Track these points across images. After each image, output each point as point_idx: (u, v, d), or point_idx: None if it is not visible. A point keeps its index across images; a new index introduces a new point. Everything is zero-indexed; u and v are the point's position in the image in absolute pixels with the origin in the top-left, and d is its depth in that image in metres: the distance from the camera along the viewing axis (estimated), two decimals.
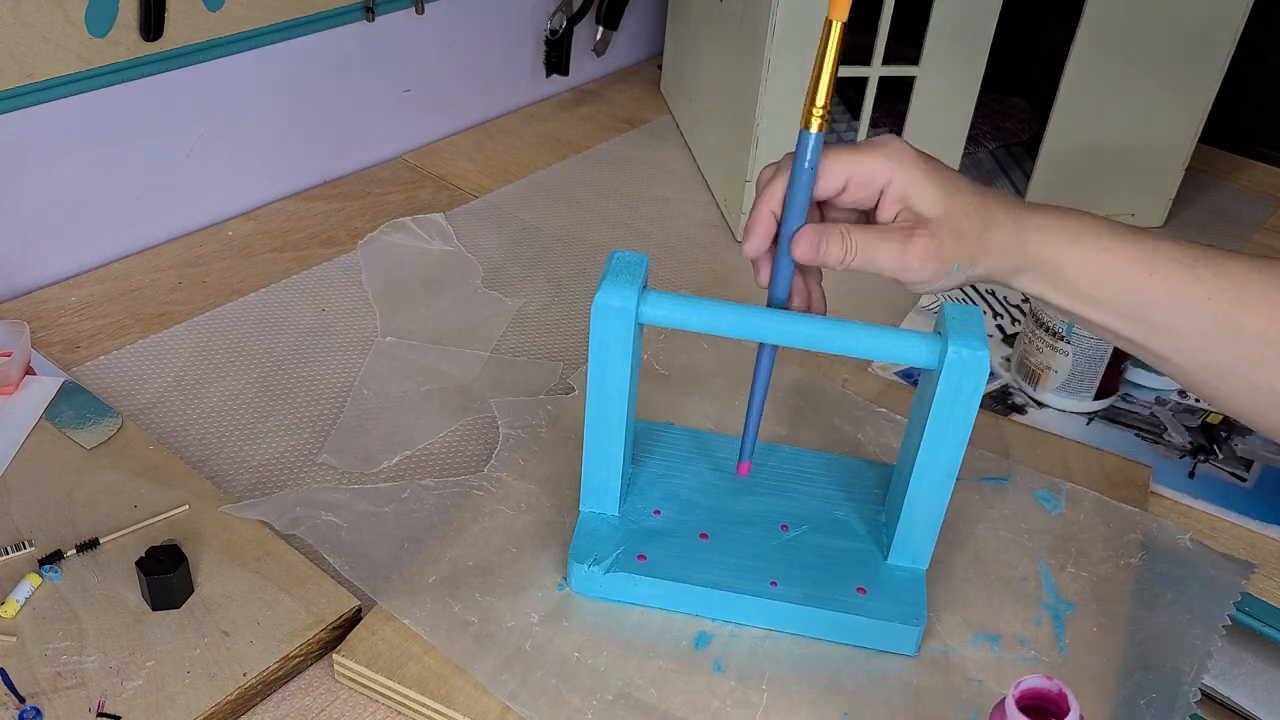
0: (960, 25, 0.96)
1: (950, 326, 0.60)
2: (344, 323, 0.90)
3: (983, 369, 0.58)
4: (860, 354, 0.60)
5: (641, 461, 0.72)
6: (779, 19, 0.92)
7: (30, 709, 0.57)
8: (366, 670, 0.61)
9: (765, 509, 0.70)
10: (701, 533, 0.68)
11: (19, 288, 0.90)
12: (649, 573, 0.65)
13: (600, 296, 0.60)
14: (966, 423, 0.60)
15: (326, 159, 1.09)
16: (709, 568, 0.65)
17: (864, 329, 0.60)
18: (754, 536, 0.68)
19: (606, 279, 0.60)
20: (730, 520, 0.69)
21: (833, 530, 0.69)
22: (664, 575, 0.65)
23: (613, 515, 0.68)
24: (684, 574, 0.65)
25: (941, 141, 1.02)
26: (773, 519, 0.69)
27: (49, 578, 0.64)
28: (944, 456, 0.62)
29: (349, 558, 0.67)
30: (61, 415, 0.75)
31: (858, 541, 0.68)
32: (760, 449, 0.73)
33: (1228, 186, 1.21)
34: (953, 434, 0.61)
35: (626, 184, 1.13)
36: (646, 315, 0.60)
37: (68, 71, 0.85)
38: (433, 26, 1.11)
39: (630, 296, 0.60)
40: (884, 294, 1.00)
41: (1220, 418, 0.87)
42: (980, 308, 0.66)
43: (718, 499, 0.70)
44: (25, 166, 0.87)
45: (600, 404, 0.63)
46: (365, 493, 0.72)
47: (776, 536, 0.68)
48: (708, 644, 0.64)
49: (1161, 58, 1.01)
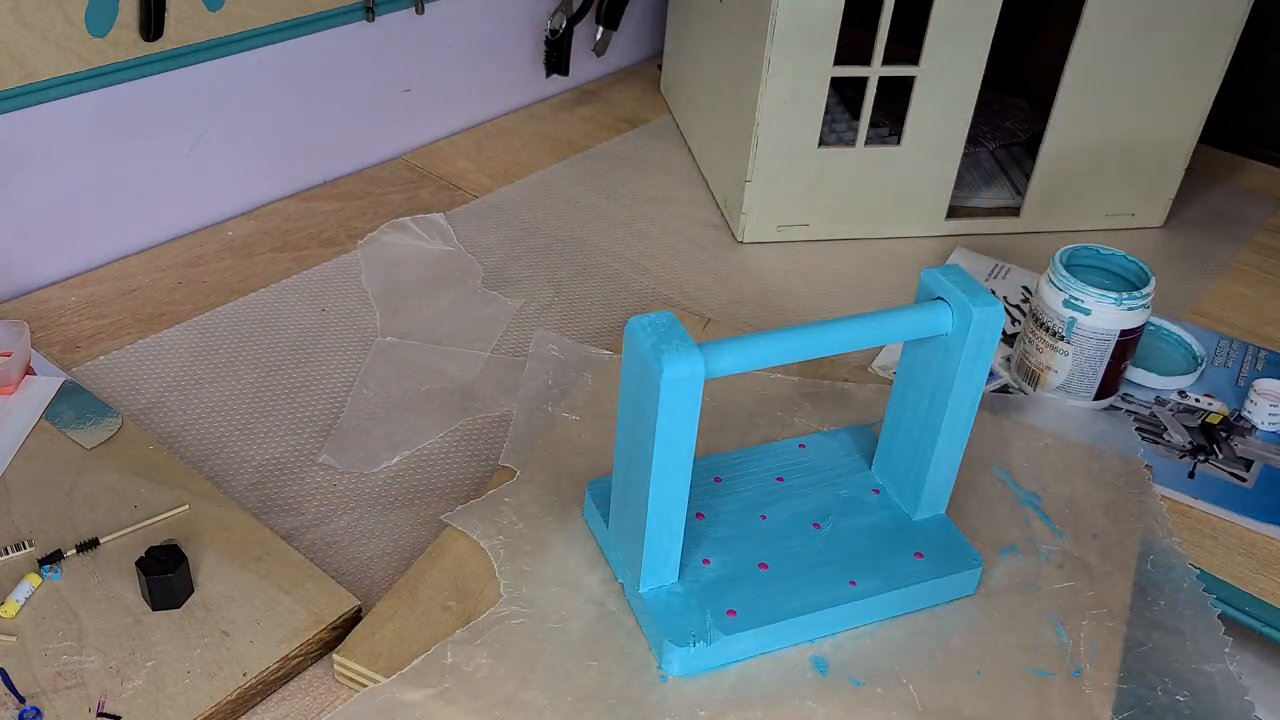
0: (960, 25, 0.96)
1: (948, 289, 0.63)
2: (344, 323, 0.90)
3: (1000, 318, 0.62)
4: (887, 340, 0.62)
5: None
6: (779, 19, 0.92)
7: (30, 709, 0.57)
8: (366, 670, 0.61)
9: (789, 517, 0.70)
10: (759, 563, 0.67)
11: (19, 287, 0.90)
12: (745, 625, 0.63)
13: (669, 370, 0.55)
14: (984, 375, 0.64)
15: (326, 159, 1.09)
16: (791, 594, 0.65)
17: (882, 317, 0.62)
18: (802, 548, 0.68)
19: (662, 352, 0.56)
20: (771, 541, 0.69)
21: (854, 510, 0.71)
22: (760, 621, 0.64)
23: (673, 584, 0.65)
24: (775, 611, 0.64)
25: (942, 142, 1.02)
26: (802, 523, 0.70)
27: (49, 578, 0.64)
28: (965, 412, 0.66)
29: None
30: (61, 415, 0.75)
31: (880, 511, 0.71)
32: (730, 460, 0.74)
33: (1227, 186, 1.21)
34: (973, 389, 0.65)
35: (626, 184, 1.13)
36: (715, 371, 0.58)
37: (68, 71, 0.85)
38: (432, 26, 1.11)
39: (697, 361, 0.56)
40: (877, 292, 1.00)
41: (1219, 417, 0.87)
42: (959, 265, 0.69)
43: (746, 526, 0.69)
44: (25, 166, 0.87)
45: (668, 478, 0.60)
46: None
47: (818, 537, 0.69)
48: (827, 666, 0.64)
49: (1161, 57, 1.01)
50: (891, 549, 0.69)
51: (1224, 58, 1.02)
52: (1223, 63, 1.02)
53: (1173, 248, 1.10)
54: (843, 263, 1.04)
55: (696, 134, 1.18)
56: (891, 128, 1.07)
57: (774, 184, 1.02)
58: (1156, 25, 0.99)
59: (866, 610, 0.66)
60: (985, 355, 0.64)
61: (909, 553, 0.68)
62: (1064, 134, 1.04)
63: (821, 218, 1.05)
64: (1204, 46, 1.01)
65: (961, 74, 0.99)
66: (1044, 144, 1.05)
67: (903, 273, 1.03)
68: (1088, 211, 1.10)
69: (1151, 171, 1.09)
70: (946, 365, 0.64)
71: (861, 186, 1.04)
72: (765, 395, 0.84)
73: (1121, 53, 1.00)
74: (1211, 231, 1.13)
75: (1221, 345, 0.96)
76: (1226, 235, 1.13)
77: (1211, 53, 1.01)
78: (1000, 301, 0.64)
